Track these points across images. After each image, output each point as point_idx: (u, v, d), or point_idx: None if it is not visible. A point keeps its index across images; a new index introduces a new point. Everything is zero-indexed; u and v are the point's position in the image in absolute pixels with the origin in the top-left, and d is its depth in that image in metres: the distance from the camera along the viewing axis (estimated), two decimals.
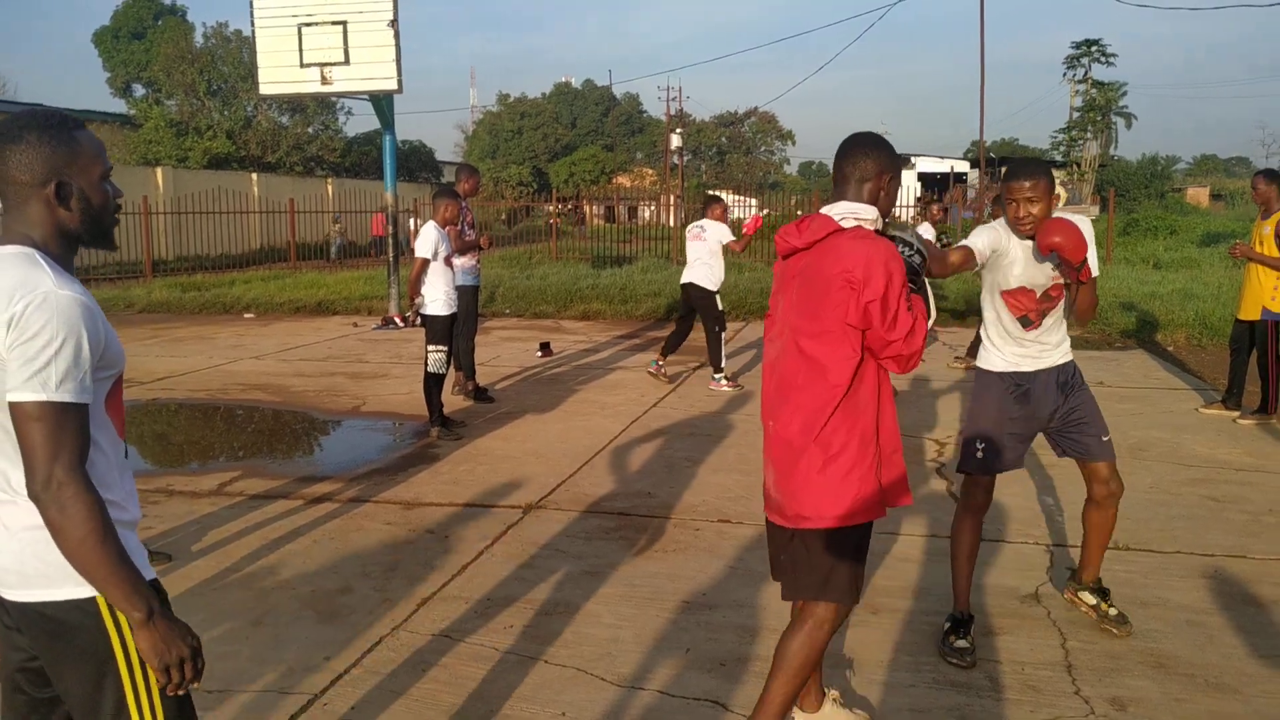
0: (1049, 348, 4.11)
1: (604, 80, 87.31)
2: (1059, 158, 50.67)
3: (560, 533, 5.50)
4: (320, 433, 8.28)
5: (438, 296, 7.77)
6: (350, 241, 30.60)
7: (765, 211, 23.96)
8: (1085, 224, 3.84)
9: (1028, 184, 3.84)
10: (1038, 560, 5.09)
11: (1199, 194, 54.60)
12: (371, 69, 14.27)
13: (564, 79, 76.67)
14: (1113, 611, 4.24)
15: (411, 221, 26.43)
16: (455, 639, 4.17)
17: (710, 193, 12.09)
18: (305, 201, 28.33)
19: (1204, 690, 3.72)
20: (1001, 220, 4.08)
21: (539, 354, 11.86)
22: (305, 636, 4.22)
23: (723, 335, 9.75)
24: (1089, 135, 49.45)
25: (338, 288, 18.51)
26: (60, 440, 1.82)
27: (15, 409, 1.83)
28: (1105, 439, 4.14)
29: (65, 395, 1.83)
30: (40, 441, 1.81)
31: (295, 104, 39.70)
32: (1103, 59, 49.96)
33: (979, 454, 4.14)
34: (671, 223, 28.82)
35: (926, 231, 10.67)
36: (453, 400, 8.90)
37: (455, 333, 8.14)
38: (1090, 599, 4.33)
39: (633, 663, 3.95)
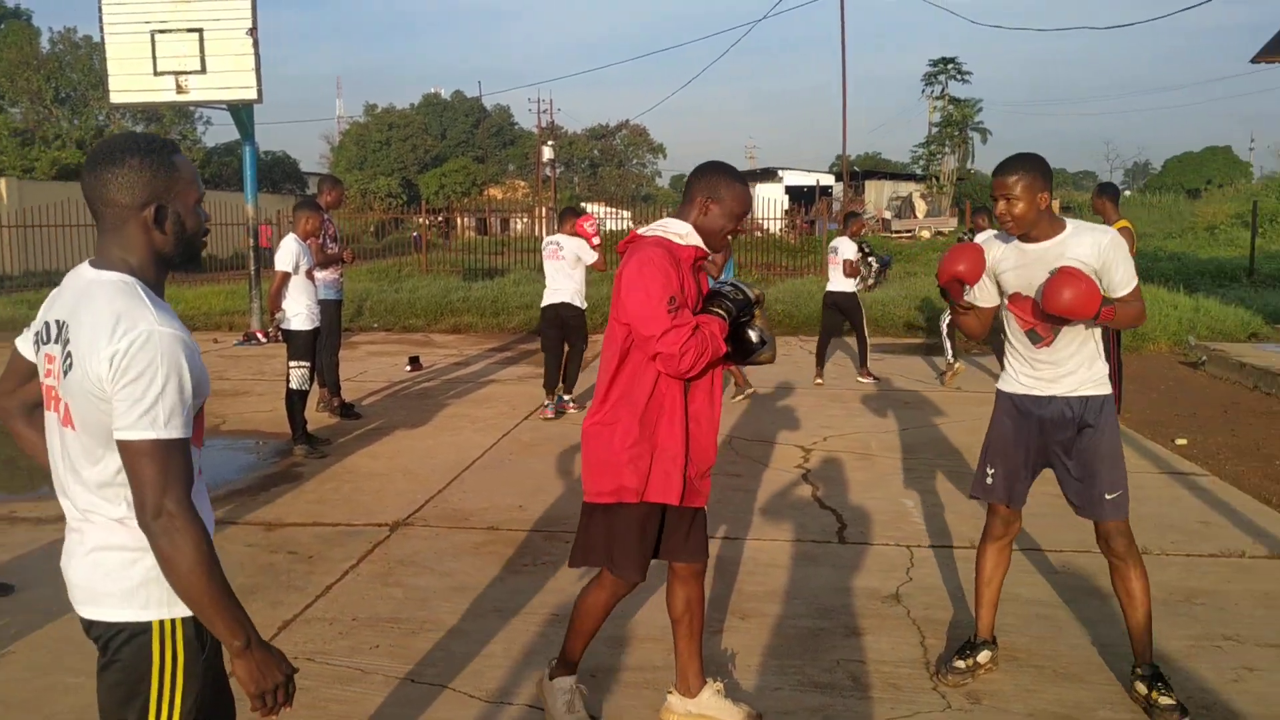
0: (1065, 373, 3.64)
1: (474, 91, 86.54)
2: (919, 171, 52.42)
3: (428, 550, 5.42)
4: None
5: (299, 311, 7.58)
6: (209, 255, 29.59)
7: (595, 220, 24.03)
8: (1109, 239, 3.54)
9: (1007, 179, 3.52)
10: (899, 561, 5.24)
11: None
12: (230, 78, 13.87)
13: (433, 90, 75.75)
14: (1164, 701, 3.55)
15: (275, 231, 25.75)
16: (318, 662, 4.07)
17: (568, 205, 11.88)
18: None
19: (1053, 680, 3.89)
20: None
21: (408, 368, 11.68)
22: None
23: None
24: (947, 150, 51.25)
25: (197, 302, 17.89)
26: (169, 474, 1.88)
27: (125, 446, 1.88)
28: (1110, 496, 3.61)
29: (173, 432, 1.90)
30: (151, 477, 1.87)
31: (151, 113, 38.32)
32: (959, 76, 51.90)
33: (988, 479, 3.86)
34: (544, 235, 28.75)
35: (848, 247, 10.69)
36: (318, 417, 8.70)
37: (319, 348, 7.95)
38: (1141, 688, 3.65)
39: (501, 678, 3.92)
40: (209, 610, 1.91)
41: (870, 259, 10.74)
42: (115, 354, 1.87)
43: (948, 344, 11.15)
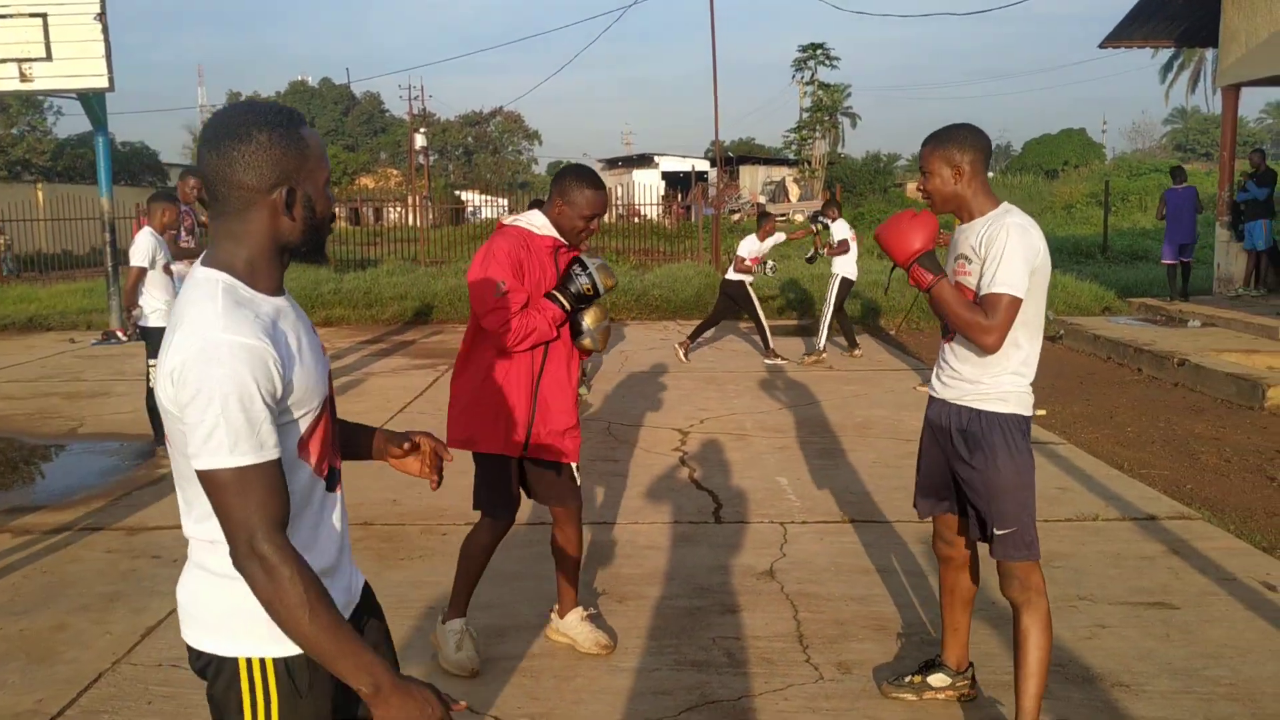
0: (958, 377, 3.26)
1: (342, 79, 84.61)
2: (791, 155, 53.25)
3: None
4: (31, 459, 7.61)
5: (158, 307, 7.30)
6: (65, 251, 28.29)
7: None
8: (1000, 230, 3.10)
9: (921, 152, 3.26)
10: (773, 538, 5.33)
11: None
12: (78, 65, 13.21)
13: (300, 77, 73.94)
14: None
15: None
16: (184, 668, 3.90)
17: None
18: (13, 209, 25.98)
19: (919, 647, 4.01)
20: None
21: None
22: (14, 681, 3.87)
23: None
24: (818, 134, 52.16)
25: (52, 301, 17.08)
26: (248, 505, 1.62)
27: (200, 478, 1.65)
28: (1001, 532, 3.16)
29: (242, 457, 1.62)
30: (230, 510, 1.63)
31: None
32: (828, 62, 52.81)
33: (915, 488, 3.58)
34: (418, 224, 28.29)
35: (750, 244, 11.28)
36: None
37: None
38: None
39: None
40: (324, 655, 1.65)
41: (770, 263, 11.72)
42: (173, 370, 1.64)
43: (826, 329, 11.39)
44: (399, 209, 38.32)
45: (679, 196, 42.66)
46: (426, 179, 54.37)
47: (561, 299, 3.68)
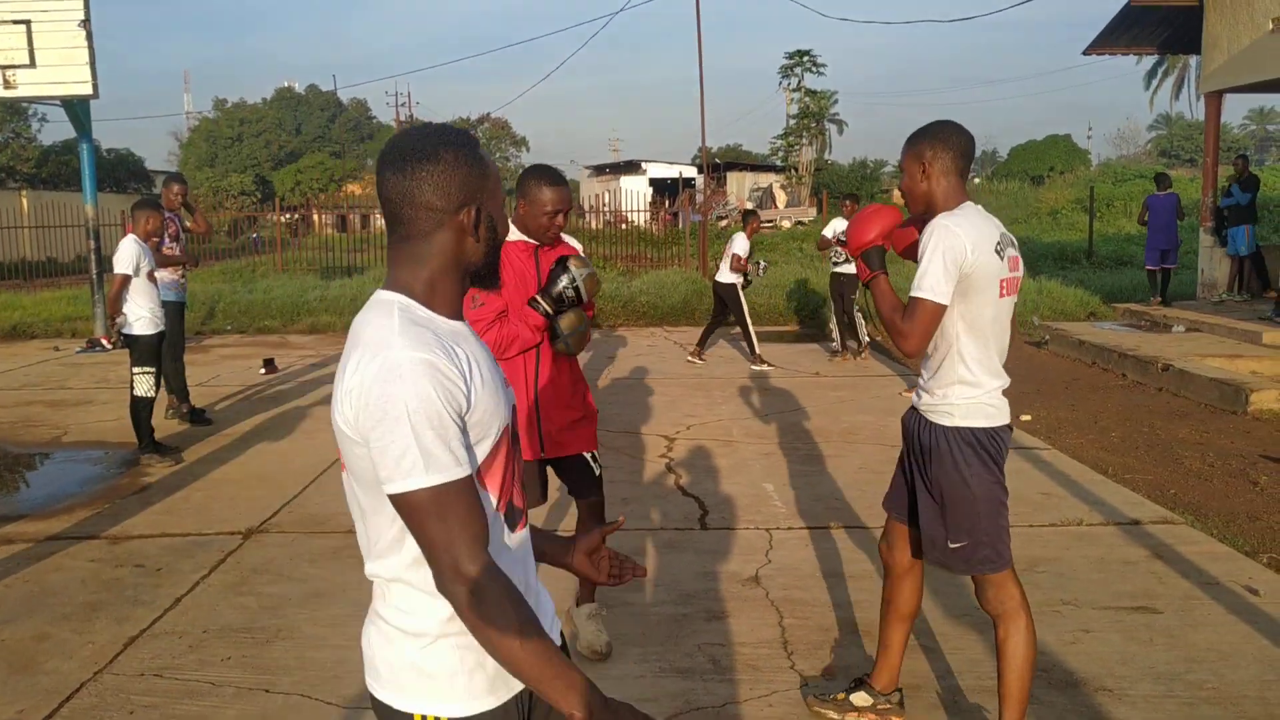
0: (920, 383, 3.24)
1: (329, 85, 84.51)
2: (779, 162, 53.40)
3: (283, 556, 5.27)
4: (14, 468, 7.56)
5: (142, 315, 7.27)
6: (50, 258, 28.18)
7: None
8: (927, 231, 3.03)
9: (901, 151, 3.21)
10: (758, 544, 5.33)
11: None
12: (62, 72, 13.17)
13: (286, 84, 73.71)
14: None
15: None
16: (167, 677, 3.92)
17: None
18: None
19: (905, 654, 4.00)
20: None
21: (263, 371, 11.33)
22: None
23: None
24: (804, 141, 52.32)
25: (36, 309, 16.97)
26: (449, 526, 1.55)
27: (395, 503, 1.58)
28: (954, 545, 3.12)
29: (437, 476, 1.55)
30: (430, 533, 1.55)
31: None
32: (814, 68, 53.03)
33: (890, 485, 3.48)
34: None
35: (740, 244, 11.40)
36: (167, 424, 8.37)
37: (162, 353, 7.65)
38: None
39: (360, 683, 3.79)
40: (534, 678, 1.59)
41: (761, 262, 11.96)
42: (351, 391, 1.59)
43: (838, 332, 11.75)
44: None
45: (666, 203, 42.72)
46: None
47: (543, 304, 3.72)
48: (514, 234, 3.80)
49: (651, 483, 6.57)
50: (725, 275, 11.46)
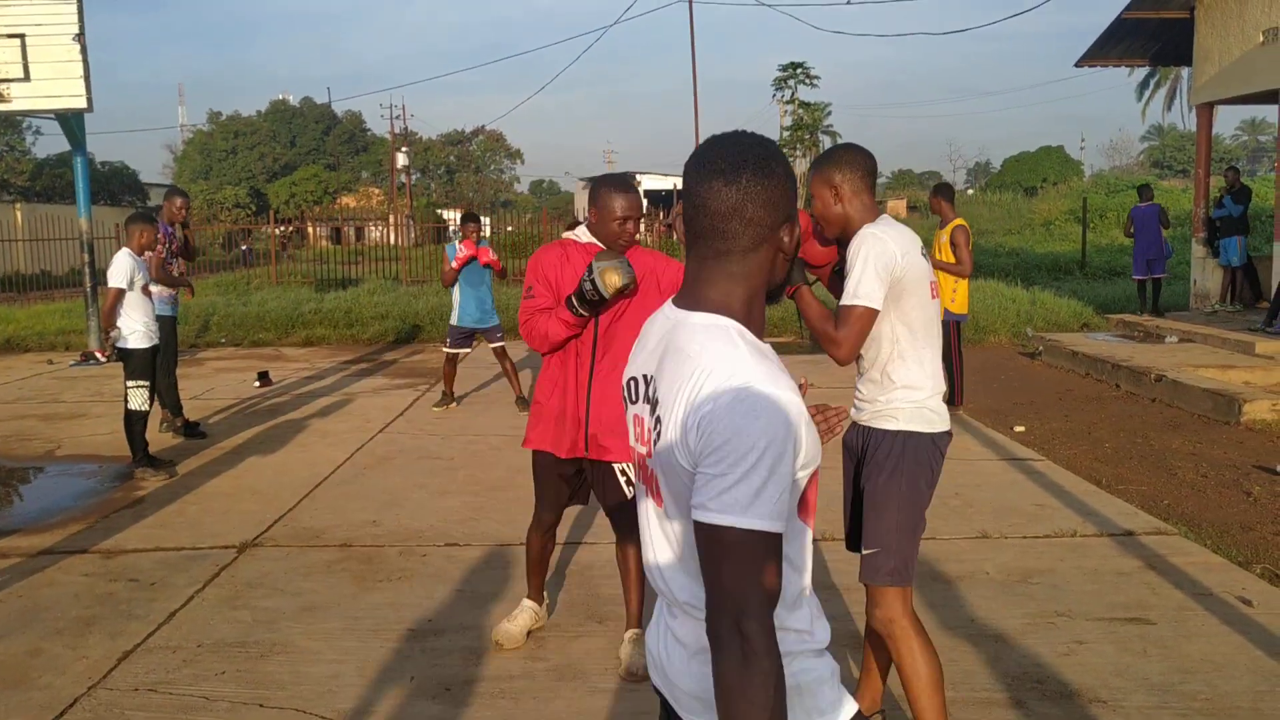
0: (858, 397, 3.21)
1: (323, 98, 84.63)
2: None
3: (278, 570, 5.26)
4: (7, 481, 7.55)
5: (136, 328, 7.27)
6: (43, 271, 28.17)
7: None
8: (856, 241, 3.04)
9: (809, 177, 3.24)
10: None
11: (898, 205, 59.13)
12: (56, 85, 13.19)
13: (280, 96, 73.81)
14: None
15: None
16: (161, 692, 3.91)
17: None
18: None
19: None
20: None
21: (257, 384, 11.32)
22: None
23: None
24: (798, 153, 52.48)
25: (29, 322, 16.95)
26: (748, 576, 1.43)
27: (699, 530, 1.47)
28: (866, 551, 3.13)
29: (757, 520, 1.43)
30: (724, 575, 1.44)
31: None
32: (808, 81, 53.23)
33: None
34: (400, 243, 28.25)
35: None
36: (161, 438, 8.36)
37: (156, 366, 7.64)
38: None
39: (355, 697, 3.84)
40: None
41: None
42: (703, 418, 1.47)
43: None
44: (381, 228, 38.28)
45: (661, 214, 42.75)
46: (408, 198, 54.35)
47: (575, 302, 3.82)
48: (588, 238, 3.99)
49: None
50: None
